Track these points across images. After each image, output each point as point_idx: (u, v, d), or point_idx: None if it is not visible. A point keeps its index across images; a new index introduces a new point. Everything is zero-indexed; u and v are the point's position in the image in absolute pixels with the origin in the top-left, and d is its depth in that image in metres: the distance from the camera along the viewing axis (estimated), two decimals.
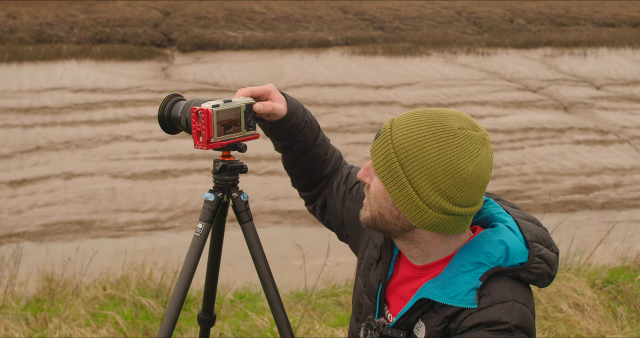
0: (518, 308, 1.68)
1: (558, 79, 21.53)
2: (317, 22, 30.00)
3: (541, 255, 1.75)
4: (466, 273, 1.71)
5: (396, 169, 1.69)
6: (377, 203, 1.77)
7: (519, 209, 1.91)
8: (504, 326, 1.66)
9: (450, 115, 1.70)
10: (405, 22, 30.64)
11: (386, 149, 1.71)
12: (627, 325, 4.65)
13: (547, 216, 7.03)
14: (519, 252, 1.73)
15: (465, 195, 1.68)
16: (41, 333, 4.59)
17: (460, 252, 1.76)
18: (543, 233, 1.82)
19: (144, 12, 30.40)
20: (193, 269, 2.10)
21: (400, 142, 1.69)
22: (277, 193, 12.54)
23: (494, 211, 1.84)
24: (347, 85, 20.11)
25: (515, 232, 1.77)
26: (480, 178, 1.68)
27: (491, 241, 1.74)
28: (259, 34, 28.15)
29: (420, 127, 1.68)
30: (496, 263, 1.71)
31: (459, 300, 1.69)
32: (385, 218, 1.76)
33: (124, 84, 19.69)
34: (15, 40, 25.87)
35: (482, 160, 1.68)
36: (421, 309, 1.77)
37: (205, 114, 1.98)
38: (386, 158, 1.71)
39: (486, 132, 1.72)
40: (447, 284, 1.72)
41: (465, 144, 1.66)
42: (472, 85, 20.49)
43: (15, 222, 11.19)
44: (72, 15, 29.19)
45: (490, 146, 1.72)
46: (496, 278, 1.72)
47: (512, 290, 1.70)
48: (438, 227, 1.72)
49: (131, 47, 25.42)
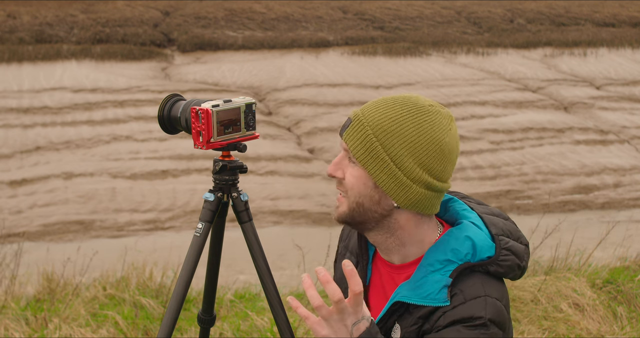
0: (491, 303, 1.70)
1: (558, 79, 21.54)
2: (317, 22, 30.00)
3: (508, 247, 1.77)
4: (436, 272, 1.73)
5: (376, 149, 1.72)
6: (355, 192, 1.77)
7: (486, 205, 1.93)
8: (479, 321, 1.67)
9: (416, 96, 1.77)
10: (405, 22, 30.65)
11: (362, 132, 1.73)
12: (627, 325, 4.65)
13: (547, 216, 7.05)
14: (485, 246, 1.75)
15: (444, 168, 1.74)
16: (41, 333, 4.59)
17: (428, 252, 1.78)
18: (510, 227, 1.84)
19: (144, 12, 30.40)
20: (193, 269, 2.10)
21: (377, 123, 1.72)
22: (277, 193, 12.54)
23: (459, 208, 1.87)
24: (347, 85, 20.12)
25: (481, 227, 1.80)
26: (455, 151, 1.76)
27: (457, 238, 1.76)
28: (259, 34, 28.15)
29: (393, 107, 1.74)
30: (464, 260, 1.73)
31: (431, 300, 1.71)
32: (365, 207, 1.76)
33: (123, 84, 19.69)
34: (15, 40, 25.87)
35: (454, 134, 1.76)
36: (397, 312, 1.78)
37: (205, 113, 1.98)
38: (364, 141, 1.72)
39: (449, 110, 1.80)
40: (418, 285, 1.73)
41: (438, 118, 1.73)
42: (472, 85, 20.49)
43: (15, 222, 11.19)
44: (72, 15, 29.20)
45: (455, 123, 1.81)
46: (467, 275, 1.73)
47: (484, 286, 1.72)
48: (418, 204, 1.75)
49: (131, 47, 25.42)
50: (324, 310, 1.59)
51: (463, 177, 13.36)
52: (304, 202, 12.23)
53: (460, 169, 13.68)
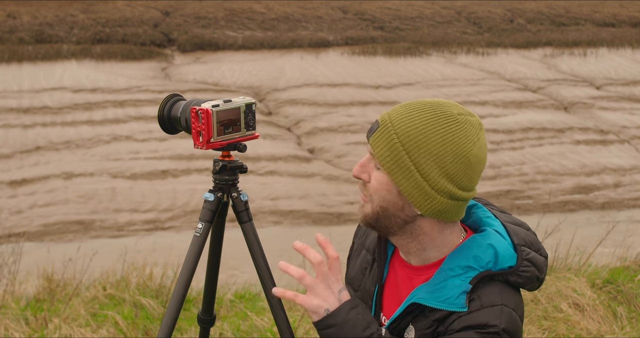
0: (507, 313, 1.70)
1: (558, 79, 21.54)
2: (317, 22, 30.00)
3: (529, 258, 1.77)
4: (456, 277, 1.73)
5: (402, 158, 1.70)
6: (379, 197, 1.76)
7: (509, 214, 1.93)
8: (492, 329, 1.67)
9: (445, 103, 1.75)
10: (405, 22, 30.65)
11: (389, 140, 1.71)
12: (627, 325, 4.65)
13: (547, 216, 7.04)
14: (507, 256, 1.75)
15: (470, 178, 1.72)
16: (41, 333, 4.59)
17: (450, 257, 1.77)
18: (531, 238, 1.83)
19: (144, 12, 30.40)
20: (193, 269, 2.10)
21: (404, 131, 1.70)
22: (277, 193, 12.55)
23: (482, 215, 1.86)
24: (347, 85, 20.11)
25: (504, 236, 1.79)
26: (482, 161, 1.74)
27: (480, 245, 1.76)
28: (259, 34, 28.15)
29: (422, 115, 1.71)
30: (485, 267, 1.73)
31: (449, 304, 1.71)
32: (389, 212, 1.76)
33: (123, 84, 19.69)
34: (15, 40, 25.87)
35: (482, 144, 1.73)
36: (412, 314, 1.78)
37: (205, 113, 1.98)
38: (391, 148, 1.71)
39: (479, 117, 1.78)
40: (437, 288, 1.73)
41: (467, 128, 1.71)
42: (472, 85, 20.49)
43: (15, 222, 11.19)
44: (72, 15, 29.19)
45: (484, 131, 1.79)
46: (486, 282, 1.73)
47: (502, 295, 1.72)
48: (442, 214, 1.74)
49: (131, 47, 25.42)
50: (311, 276, 1.73)
51: None
52: (304, 202, 12.23)
53: None
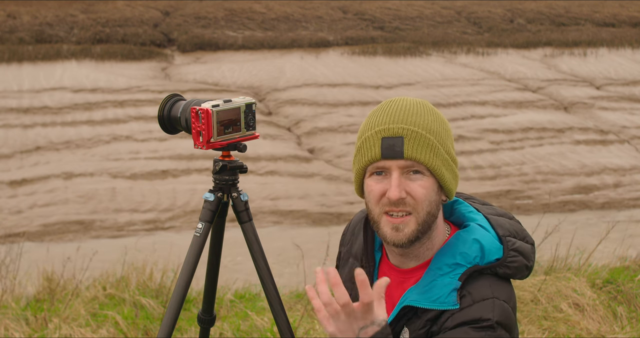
0: (499, 305, 1.71)
1: (558, 79, 21.53)
2: (317, 22, 29.99)
3: (516, 248, 1.78)
4: (445, 275, 1.74)
5: (440, 151, 1.76)
6: (426, 203, 1.75)
7: (491, 205, 1.94)
8: (486, 323, 1.68)
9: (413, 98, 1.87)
10: (405, 22, 30.64)
11: (426, 142, 1.75)
12: (627, 325, 4.65)
13: (547, 216, 7.04)
14: (493, 249, 1.76)
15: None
16: (41, 333, 4.59)
17: (436, 256, 1.78)
18: (516, 227, 1.85)
19: (144, 12, 30.39)
20: (193, 269, 2.11)
21: (430, 128, 1.77)
22: (277, 193, 12.54)
23: (465, 210, 1.88)
24: (347, 85, 20.11)
25: (487, 229, 1.81)
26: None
27: (465, 241, 1.77)
28: (259, 34, 28.14)
29: (422, 111, 1.79)
30: (473, 262, 1.74)
31: (440, 303, 1.71)
32: (432, 213, 1.77)
33: (123, 84, 19.68)
34: (15, 40, 25.86)
35: None
36: (406, 317, 1.78)
37: (205, 113, 1.98)
38: (431, 148, 1.75)
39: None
40: (427, 289, 1.74)
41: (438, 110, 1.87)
42: (472, 85, 20.49)
43: (15, 222, 11.19)
44: (72, 15, 29.19)
45: None
46: (475, 277, 1.74)
47: (492, 287, 1.73)
48: (453, 191, 1.83)
49: (131, 47, 25.42)
50: (331, 307, 1.55)
51: (463, 177, 13.36)
52: (304, 202, 12.23)
53: (461, 169, 13.67)
